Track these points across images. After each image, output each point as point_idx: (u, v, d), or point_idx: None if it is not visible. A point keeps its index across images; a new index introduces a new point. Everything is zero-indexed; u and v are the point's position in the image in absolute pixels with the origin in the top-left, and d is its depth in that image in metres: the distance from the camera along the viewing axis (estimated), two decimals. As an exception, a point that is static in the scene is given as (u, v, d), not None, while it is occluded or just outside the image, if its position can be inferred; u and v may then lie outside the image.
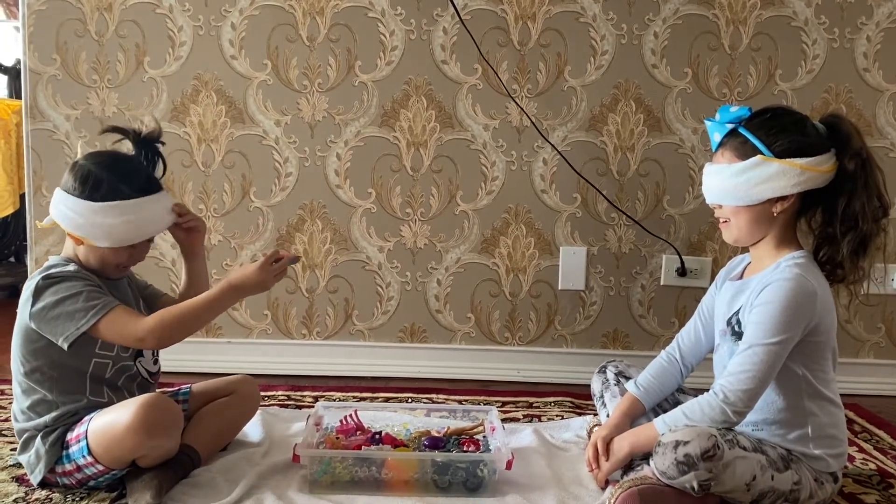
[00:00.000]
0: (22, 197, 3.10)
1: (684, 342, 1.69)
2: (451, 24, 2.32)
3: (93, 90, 2.35)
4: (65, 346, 1.43)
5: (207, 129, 2.36)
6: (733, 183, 1.45)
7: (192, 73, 2.34)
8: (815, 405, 1.46)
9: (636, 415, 1.62)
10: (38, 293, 1.45)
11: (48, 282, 1.46)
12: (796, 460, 1.44)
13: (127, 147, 1.58)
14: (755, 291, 1.46)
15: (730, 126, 1.48)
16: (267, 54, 2.34)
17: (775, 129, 1.44)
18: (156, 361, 1.64)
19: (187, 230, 1.63)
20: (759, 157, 1.43)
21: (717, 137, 1.50)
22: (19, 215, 3.20)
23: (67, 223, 1.49)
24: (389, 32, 2.33)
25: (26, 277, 2.46)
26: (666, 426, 1.45)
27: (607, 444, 1.55)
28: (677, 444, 1.35)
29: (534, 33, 2.33)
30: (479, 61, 2.33)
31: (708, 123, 1.52)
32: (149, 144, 1.56)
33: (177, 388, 1.72)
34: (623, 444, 1.52)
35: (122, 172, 1.50)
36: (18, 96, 2.92)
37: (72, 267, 1.50)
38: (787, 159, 1.42)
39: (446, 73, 2.35)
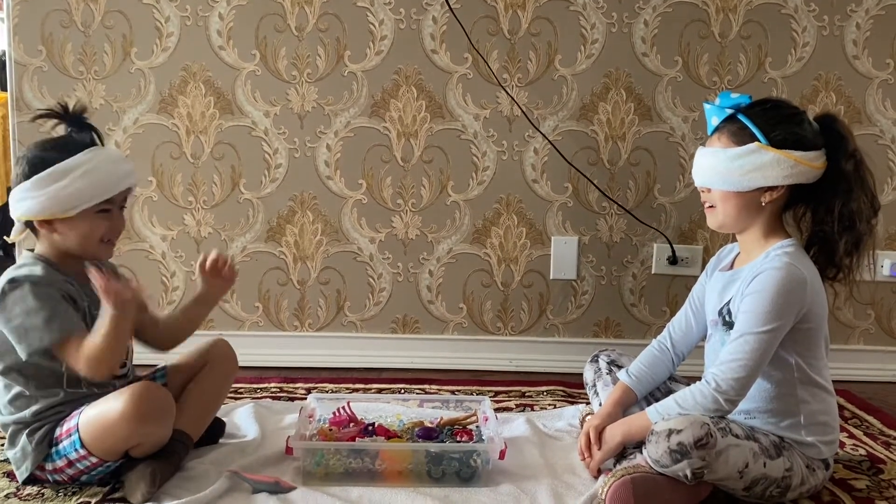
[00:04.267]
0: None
1: (675, 331, 1.70)
2: (441, 14, 2.31)
3: (79, 82, 2.32)
4: (23, 357, 1.42)
5: (196, 121, 2.35)
6: (727, 167, 1.45)
7: (179, 64, 2.32)
8: (807, 392, 1.47)
9: (628, 404, 1.63)
10: (3, 296, 1.44)
11: (14, 286, 1.43)
12: (788, 447, 1.45)
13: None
14: (745, 281, 1.47)
15: (729, 111, 1.48)
16: (255, 45, 2.32)
17: (774, 119, 1.45)
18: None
19: (221, 277, 1.63)
20: (755, 143, 1.43)
21: (714, 121, 1.51)
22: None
23: (32, 211, 1.46)
24: (378, 22, 2.32)
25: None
26: (658, 415, 1.45)
27: (599, 433, 1.55)
28: (670, 432, 1.36)
29: (524, 22, 2.32)
30: (470, 50, 2.32)
31: (707, 106, 1.53)
32: (78, 119, 1.55)
33: (153, 370, 1.69)
34: (615, 433, 1.52)
35: (57, 142, 1.52)
36: (4, 88, 2.89)
37: (40, 269, 1.46)
38: (783, 150, 1.43)
39: (436, 63, 2.34)
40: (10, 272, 1.47)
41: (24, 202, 1.47)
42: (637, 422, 1.50)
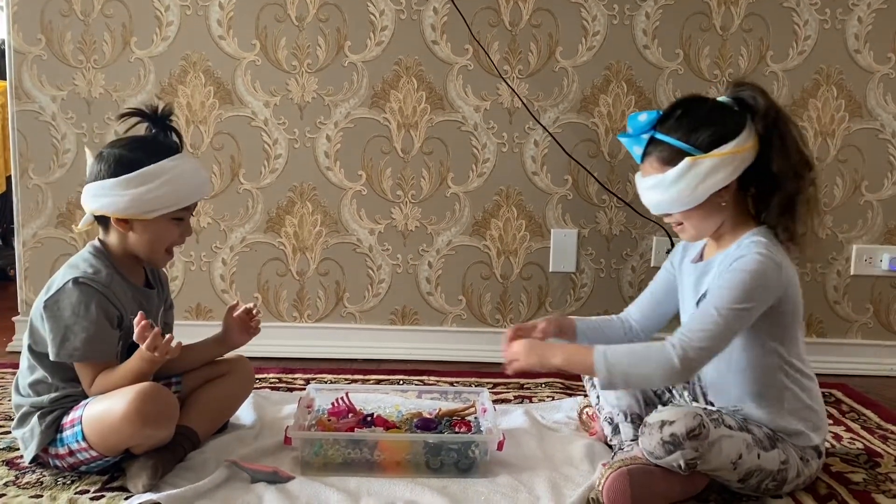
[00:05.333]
0: (8, 179, 3.07)
1: (634, 313, 1.69)
2: (442, 4, 2.30)
3: (79, 71, 2.32)
4: (50, 357, 1.45)
5: (196, 111, 2.34)
6: (674, 191, 1.42)
7: (179, 53, 2.32)
8: (788, 379, 1.46)
9: (568, 328, 1.65)
10: (61, 291, 1.45)
11: (76, 287, 1.44)
12: (781, 440, 1.45)
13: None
14: (720, 270, 1.45)
15: (645, 137, 1.45)
16: (255, 34, 2.32)
17: (691, 126, 1.42)
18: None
19: (247, 330, 1.67)
20: (687, 159, 1.40)
21: (637, 150, 1.47)
22: (6, 198, 3.17)
23: (113, 208, 1.47)
24: (379, 12, 2.31)
25: (14, 261, 2.46)
26: (604, 359, 1.38)
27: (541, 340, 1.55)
28: (663, 423, 1.36)
29: (525, 13, 2.31)
30: (470, 41, 2.32)
31: (623, 140, 1.49)
32: (165, 121, 1.56)
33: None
34: (556, 352, 1.47)
35: (145, 143, 1.53)
36: (3, 77, 2.89)
37: (104, 275, 1.48)
38: (715, 150, 1.40)
39: (437, 54, 2.33)
40: (74, 268, 1.49)
41: (104, 198, 1.48)
42: (580, 352, 1.45)
